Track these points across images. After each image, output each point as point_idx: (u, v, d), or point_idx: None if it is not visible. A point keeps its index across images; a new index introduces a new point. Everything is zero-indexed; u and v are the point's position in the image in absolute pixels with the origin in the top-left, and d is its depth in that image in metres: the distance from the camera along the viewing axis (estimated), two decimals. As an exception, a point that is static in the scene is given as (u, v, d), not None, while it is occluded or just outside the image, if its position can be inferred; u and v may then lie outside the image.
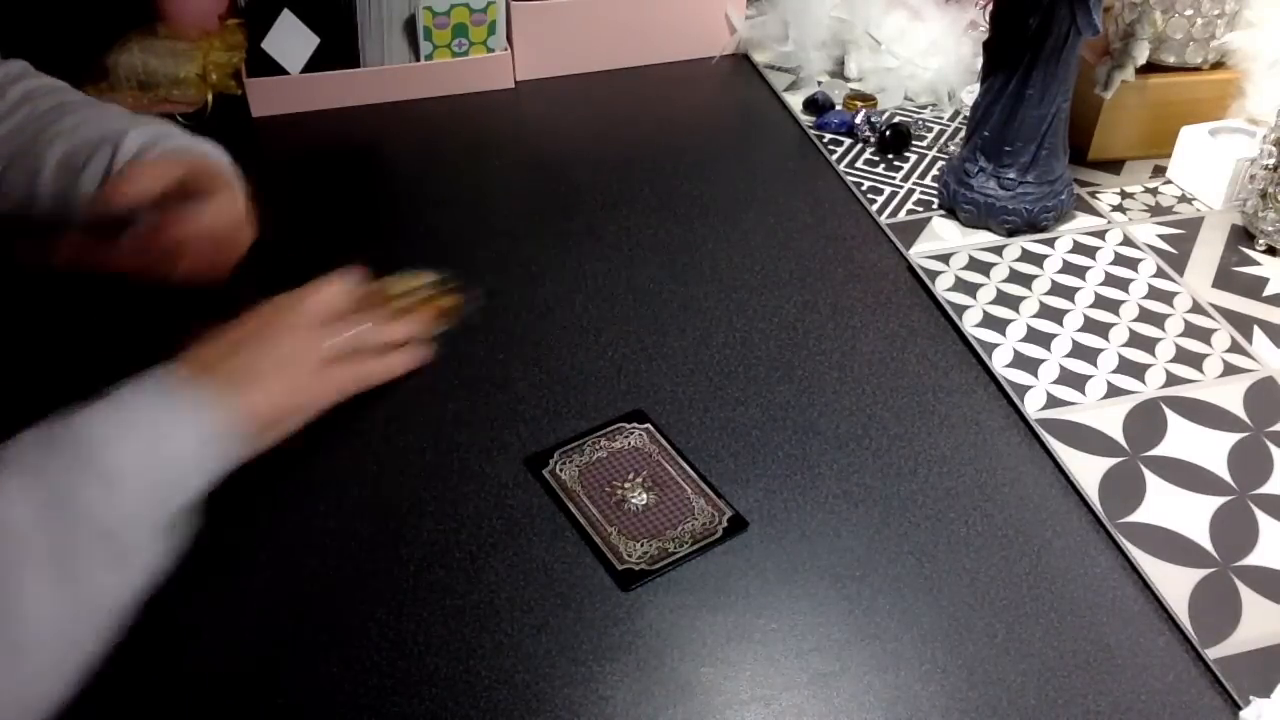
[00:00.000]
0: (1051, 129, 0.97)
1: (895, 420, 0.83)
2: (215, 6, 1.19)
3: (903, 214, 1.05)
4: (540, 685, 0.65)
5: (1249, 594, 0.70)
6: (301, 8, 1.16)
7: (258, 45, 1.17)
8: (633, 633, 0.68)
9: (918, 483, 0.78)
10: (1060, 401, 0.83)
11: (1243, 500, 0.76)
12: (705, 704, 0.64)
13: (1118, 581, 0.71)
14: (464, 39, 1.22)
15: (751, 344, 0.90)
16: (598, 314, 0.92)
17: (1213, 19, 1.05)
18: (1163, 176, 1.09)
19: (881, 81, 1.24)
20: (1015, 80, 0.96)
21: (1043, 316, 0.92)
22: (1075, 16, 0.91)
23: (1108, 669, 0.66)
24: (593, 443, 0.80)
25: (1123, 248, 0.99)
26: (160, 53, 1.14)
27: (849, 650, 0.67)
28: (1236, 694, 0.64)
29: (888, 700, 0.64)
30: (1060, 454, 0.79)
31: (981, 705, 0.64)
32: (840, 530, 0.74)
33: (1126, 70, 1.03)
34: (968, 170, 1.02)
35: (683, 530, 0.74)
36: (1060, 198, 1.01)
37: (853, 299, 0.94)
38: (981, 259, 0.98)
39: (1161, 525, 0.74)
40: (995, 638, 0.68)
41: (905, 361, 0.88)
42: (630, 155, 1.14)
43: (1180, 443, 0.80)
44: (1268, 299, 0.94)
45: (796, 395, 0.85)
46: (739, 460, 0.79)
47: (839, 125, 1.17)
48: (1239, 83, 1.09)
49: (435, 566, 0.71)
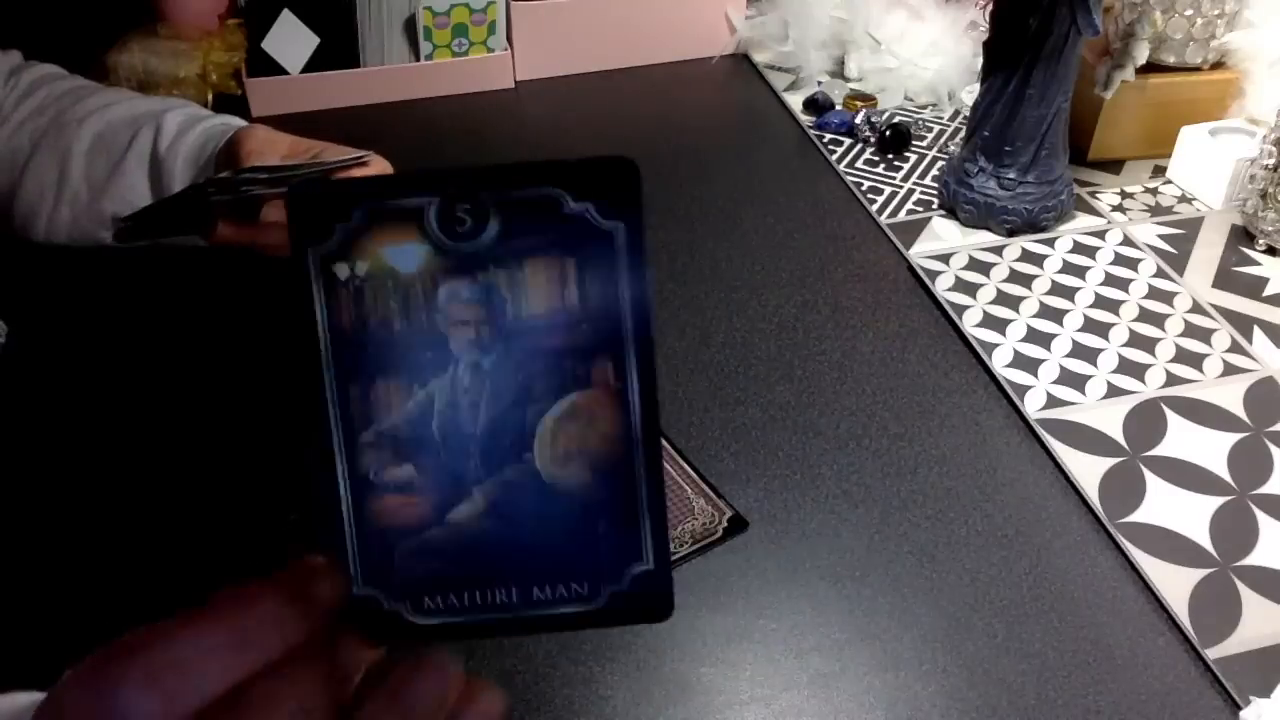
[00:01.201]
0: (1051, 129, 0.97)
1: (895, 420, 0.83)
2: (215, 6, 1.19)
3: (903, 214, 1.05)
4: (540, 685, 0.65)
5: (1249, 594, 0.70)
6: (301, 8, 1.16)
7: (258, 45, 1.17)
8: (633, 633, 0.68)
9: (918, 483, 0.78)
10: (1060, 401, 0.83)
11: (1243, 500, 0.76)
12: (705, 704, 0.64)
13: (1118, 581, 0.71)
14: (464, 39, 1.22)
15: (751, 344, 0.89)
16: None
17: (1213, 19, 1.05)
18: (1163, 176, 1.09)
19: (881, 81, 1.24)
20: (1015, 80, 0.96)
21: (1043, 316, 0.92)
22: (1075, 16, 0.91)
23: (1108, 669, 0.66)
24: (593, 443, 0.80)
25: (1123, 248, 0.99)
26: (160, 53, 1.14)
27: (849, 650, 0.67)
28: (1236, 694, 0.64)
29: (888, 700, 0.64)
30: (1060, 454, 0.79)
31: (981, 705, 0.64)
32: (840, 530, 0.74)
33: (1126, 70, 1.03)
34: (968, 170, 1.02)
35: (683, 530, 0.74)
36: (1060, 198, 1.01)
37: (853, 299, 0.94)
38: (981, 259, 0.98)
39: (1161, 525, 0.74)
40: (995, 638, 0.68)
41: (905, 361, 0.88)
42: (630, 155, 1.14)
43: (1180, 443, 0.80)
44: (1268, 299, 0.94)
45: (796, 395, 0.85)
46: (739, 460, 0.79)
47: (839, 125, 1.17)
48: (1239, 83, 1.09)
49: (435, 566, 0.71)
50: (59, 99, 0.83)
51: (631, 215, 0.31)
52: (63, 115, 0.82)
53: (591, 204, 0.30)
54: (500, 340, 0.31)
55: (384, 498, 0.31)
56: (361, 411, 0.31)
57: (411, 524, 0.31)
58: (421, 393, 0.31)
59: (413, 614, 0.31)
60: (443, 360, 0.31)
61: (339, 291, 0.30)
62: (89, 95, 0.84)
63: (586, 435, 0.31)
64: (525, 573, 0.32)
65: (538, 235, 0.30)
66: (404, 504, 0.31)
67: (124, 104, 0.83)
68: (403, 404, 0.31)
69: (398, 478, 0.31)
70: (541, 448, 0.31)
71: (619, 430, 0.31)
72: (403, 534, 0.31)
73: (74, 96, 0.83)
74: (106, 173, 0.80)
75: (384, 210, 0.30)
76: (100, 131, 0.80)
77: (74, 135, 0.80)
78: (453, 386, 0.31)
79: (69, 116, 0.81)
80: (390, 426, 0.31)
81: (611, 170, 0.31)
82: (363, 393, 0.31)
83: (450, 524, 0.31)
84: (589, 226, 0.30)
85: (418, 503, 0.31)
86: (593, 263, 0.30)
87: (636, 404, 0.31)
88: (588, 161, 0.31)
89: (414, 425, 0.31)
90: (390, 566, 0.31)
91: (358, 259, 0.30)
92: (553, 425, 0.31)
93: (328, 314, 0.31)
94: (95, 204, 0.81)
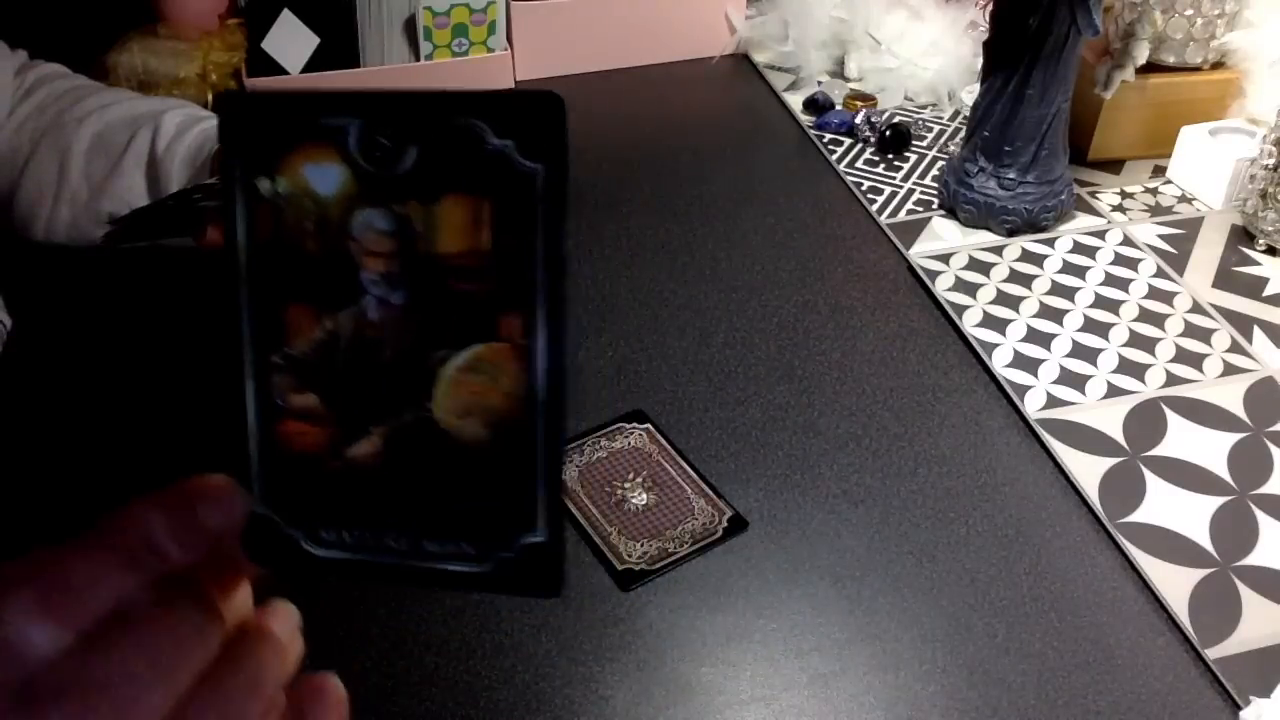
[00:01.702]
0: (1051, 129, 0.97)
1: (895, 420, 0.83)
2: (215, 6, 1.19)
3: (903, 214, 1.05)
4: (540, 685, 0.65)
5: (1249, 594, 0.70)
6: (301, 8, 1.16)
7: (258, 45, 1.17)
8: (633, 633, 0.68)
9: (918, 483, 0.78)
10: (1060, 401, 0.83)
11: (1243, 500, 0.76)
12: (705, 704, 0.64)
13: (1118, 581, 0.71)
14: (464, 39, 1.22)
15: (751, 344, 0.89)
16: (598, 314, 0.92)
17: (1213, 19, 1.05)
18: (1163, 176, 1.09)
19: (881, 81, 1.24)
20: (1015, 80, 0.96)
21: (1043, 316, 0.92)
22: (1075, 16, 0.91)
23: (1108, 669, 0.66)
24: (592, 443, 0.80)
25: (1123, 248, 0.99)
26: (160, 53, 1.14)
27: (849, 650, 0.67)
28: (1236, 694, 0.64)
29: (888, 700, 0.64)
30: (1060, 454, 0.79)
31: (981, 705, 0.64)
32: (840, 530, 0.74)
33: (1126, 70, 1.03)
34: (968, 170, 1.02)
35: (683, 530, 0.74)
36: (1060, 198, 1.01)
37: (853, 299, 0.94)
38: (981, 259, 0.98)
39: (1161, 525, 0.74)
40: (995, 638, 0.68)
41: (905, 361, 0.88)
42: (630, 155, 1.14)
43: (1180, 443, 0.80)
44: (1268, 299, 0.94)
45: (796, 395, 0.85)
46: (739, 460, 0.79)
47: (839, 125, 1.17)
48: (1239, 83, 1.09)
49: (435, 566, 0.71)
50: (59, 98, 0.83)
51: (555, 158, 0.29)
52: (63, 115, 0.82)
53: (513, 141, 0.29)
54: (409, 277, 0.30)
55: (287, 422, 0.31)
56: (273, 333, 0.31)
57: (310, 452, 0.31)
58: (330, 321, 0.31)
59: (308, 542, 0.32)
60: (352, 291, 0.30)
61: (260, 208, 0.30)
62: (89, 95, 0.84)
63: (488, 390, 0.30)
64: (417, 522, 0.31)
65: (456, 170, 0.29)
66: (305, 432, 0.31)
67: (123, 104, 0.83)
68: (311, 330, 0.31)
69: (302, 405, 0.31)
70: (442, 396, 0.31)
71: (522, 390, 0.30)
72: (303, 461, 0.31)
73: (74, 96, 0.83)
74: (105, 173, 0.80)
75: (307, 127, 0.30)
76: (99, 131, 0.80)
77: (73, 135, 0.80)
78: (361, 319, 0.31)
79: (69, 116, 0.81)
80: (299, 352, 0.31)
81: (536, 105, 0.29)
82: (275, 314, 0.31)
83: (348, 459, 0.31)
84: (509, 166, 0.29)
85: (319, 432, 0.31)
86: (510, 206, 0.29)
87: (542, 365, 0.30)
88: (511, 94, 0.29)
89: (321, 353, 0.31)
90: (289, 491, 0.31)
91: (279, 175, 0.30)
92: (454, 374, 0.30)
93: (248, 229, 0.30)
94: (94, 204, 0.81)
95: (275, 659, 0.31)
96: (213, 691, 0.29)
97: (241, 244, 0.31)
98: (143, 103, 0.84)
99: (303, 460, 0.31)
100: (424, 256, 0.30)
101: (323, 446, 0.31)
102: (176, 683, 0.28)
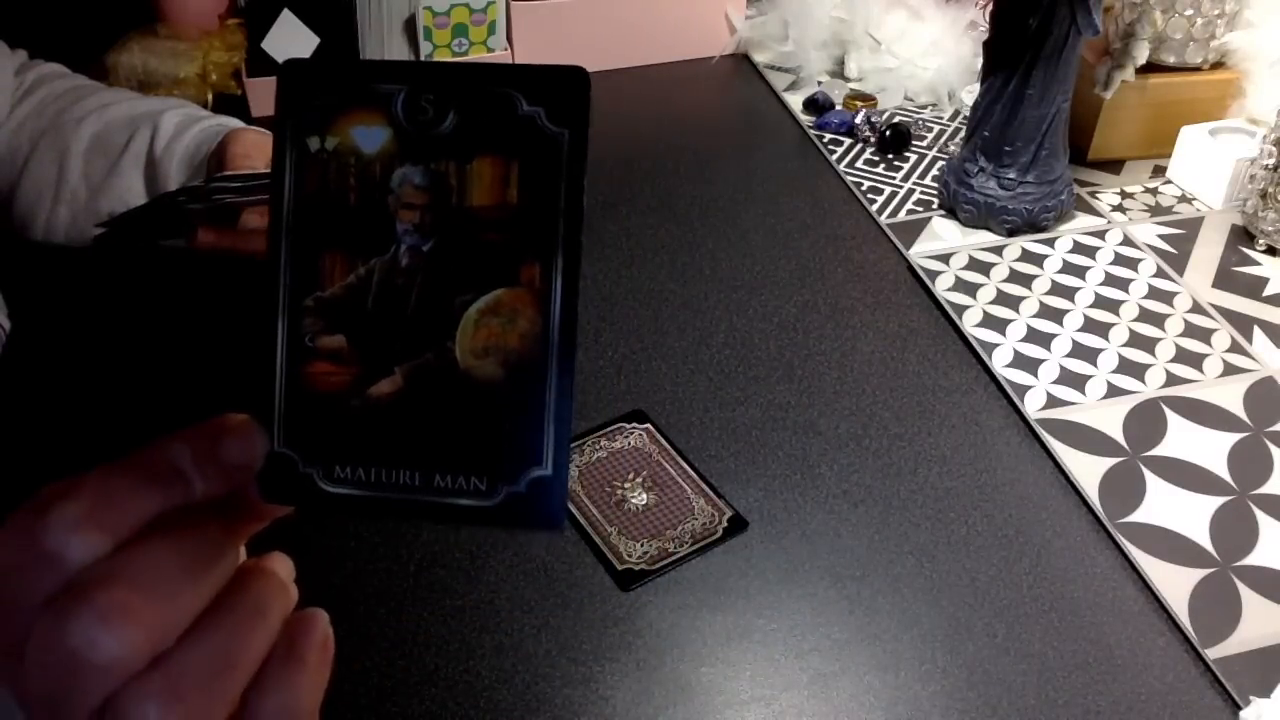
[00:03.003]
0: (1051, 129, 0.97)
1: (895, 420, 0.83)
2: (215, 6, 1.19)
3: (903, 214, 1.05)
4: (540, 685, 0.65)
5: (1249, 594, 0.70)
6: (301, 8, 1.16)
7: (258, 45, 1.17)
8: (633, 633, 0.68)
9: (918, 483, 0.78)
10: (1060, 401, 0.83)
11: (1243, 500, 0.76)
12: (705, 704, 0.64)
13: (1118, 581, 0.71)
14: (464, 39, 1.22)
15: (751, 344, 0.89)
16: (598, 314, 0.92)
17: (1213, 19, 1.05)
18: (1163, 176, 1.09)
19: (881, 81, 1.24)
20: (1015, 80, 0.96)
21: (1043, 316, 0.92)
22: (1075, 16, 0.91)
23: (1108, 669, 0.66)
24: (592, 443, 0.80)
25: (1123, 248, 0.99)
26: (160, 53, 1.14)
27: (849, 650, 0.67)
28: (1236, 694, 0.64)
29: (888, 700, 0.64)
30: (1060, 454, 0.79)
31: (981, 705, 0.64)
32: (840, 530, 0.74)
33: (1126, 70, 1.03)
34: (968, 170, 1.02)
35: (683, 530, 0.74)
36: (1060, 198, 1.01)
37: (853, 299, 0.94)
38: (981, 259, 0.98)
39: (1161, 525, 0.74)
40: (995, 638, 0.68)
41: (905, 361, 0.88)
42: (630, 155, 1.14)
43: (1180, 443, 0.80)
44: (1268, 299, 0.94)
45: (796, 395, 0.85)
46: (739, 460, 0.79)
47: (839, 125, 1.17)
48: (1239, 83, 1.09)
49: (435, 566, 0.71)
50: (58, 98, 0.83)
51: (578, 123, 0.32)
52: (62, 115, 0.82)
53: (542, 109, 0.32)
54: (441, 228, 0.33)
55: (314, 363, 0.34)
56: (308, 277, 0.34)
57: (334, 391, 0.34)
58: (363, 268, 0.33)
59: (323, 480, 0.34)
60: (386, 240, 0.33)
61: (308, 162, 0.33)
62: (88, 95, 0.84)
63: (506, 331, 0.33)
64: (430, 457, 0.33)
65: (490, 132, 0.33)
66: (331, 371, 0.34)
67: (123, 104, 0.83)
68: (345, 276, 0.34)
69: (329, 345, 0.34)
70: (463, 337, 0.33)
71: (538, 331, 0.33)
72: (326, 400, 0.34)
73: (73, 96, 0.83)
74: (104, 173, 0.80)
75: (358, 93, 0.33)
76: (98, 131, 0.81)
77: (72, 135, 0.80)
78: (392, 266, 0.33)
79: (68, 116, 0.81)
80: (331, 295, 0.34)
81: (564, 78, 0.32)
82: (312, 260, 0.33)
83: (369, 397, 0.33)
84: (537, 130, 0.32)
85: (343, 372, 0.34)
86: (537, 165, 0.33)
87: (558, 309, 0.33)
88: (543, 68, 0.33)
89: (352, 297, 0.33)
90: (310, 430, 0.34)
91: (328, 134, 0.33)
92: (476, 316, 0.33)
93: (295, 182, 0.33)
94: (93, 204, 0.81)
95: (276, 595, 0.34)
96: (226, 612, 0.32)
97: (288, 195, 0.33)
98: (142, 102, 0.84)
99: (326, 399, 0.34)
100: (456, 209, 0.33)
101: (346, 386, 0.33)
102: (202, 590, 0.31)
